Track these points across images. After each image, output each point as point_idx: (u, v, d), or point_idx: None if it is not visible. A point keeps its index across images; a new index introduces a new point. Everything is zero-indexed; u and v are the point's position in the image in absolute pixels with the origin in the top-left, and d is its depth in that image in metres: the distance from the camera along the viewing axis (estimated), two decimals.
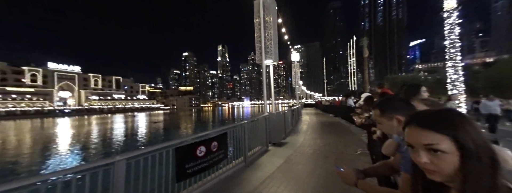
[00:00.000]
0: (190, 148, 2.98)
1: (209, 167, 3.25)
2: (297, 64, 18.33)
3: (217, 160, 3.46)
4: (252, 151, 4.90)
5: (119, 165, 2.02)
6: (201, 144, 3.15)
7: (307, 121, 12.37)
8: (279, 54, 6.62)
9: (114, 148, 16.92)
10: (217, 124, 33.75)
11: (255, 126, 5.16)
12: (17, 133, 28.32)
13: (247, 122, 4.51)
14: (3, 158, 14.05)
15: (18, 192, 1.44)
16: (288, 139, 6.88)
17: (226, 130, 3.81)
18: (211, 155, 3.32)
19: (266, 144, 5.61)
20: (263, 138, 5.51)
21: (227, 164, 3.97)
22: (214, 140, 3.43)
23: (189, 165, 2.91)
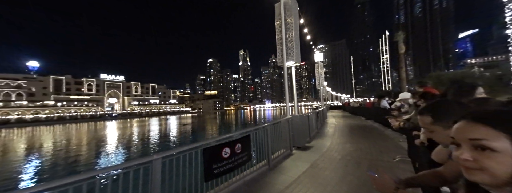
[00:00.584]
0: (216, 150, 3.10)
1: (234, 168, 3.32)
2: (321, 64, 17.57)
3: (241, 162, 3.51)
4: (275, 154, 4.82)
5: (156, 163, 2.26)
6: (226, 146, 3.25)
7: (333, 124, 11.64)
8: (301, 55, 6.46)
9: (152, 147, 18.80)
10: (240, 127, 34.45)
11: (278, 129, 5.07)
12: (78, 134, 33.72)
13: (269, 124, 4.48)
14: (69, 154, 16.86)
15: (80, 184, 1.73)
16: (313, 143, 6.57)
17: (249, 133, 3.85)
18: (235, 156, 3.40)
19: (290, 147, 5.46)
20: (286, 142, 5.38)
21: (251, 167, 3.99)
22: (238, 142, 3.50)
23: (216, 165, 3.04)
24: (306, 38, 10.95)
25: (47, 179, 11.12)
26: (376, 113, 10.88)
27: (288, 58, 6.12)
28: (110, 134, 30.48)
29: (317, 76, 17.62)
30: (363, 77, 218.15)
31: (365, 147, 5.90)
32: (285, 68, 6.17)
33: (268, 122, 4.56)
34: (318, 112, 9.89)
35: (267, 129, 4.37)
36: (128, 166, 2.16)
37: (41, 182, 10.54)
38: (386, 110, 8.28)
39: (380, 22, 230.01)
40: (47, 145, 22.18)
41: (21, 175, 11.79)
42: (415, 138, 2.11)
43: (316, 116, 9.25)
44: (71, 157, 15.55)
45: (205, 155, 2.92)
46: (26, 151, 19.11)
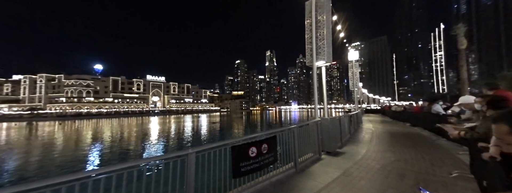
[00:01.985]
0: (243, 148, 3.19)
1: (260, 168, 3.35)
2: (356, 63, 16.10)
3: (268, 163, 3.51)
4: (302, 158, 4.64)
5: (191, 157, 2.52)
6: (253, 145, 3.31)
7: (370, 130, 10.51)
8: (332, 54, 6.05)
9: (185, 141, 20.79)
10: (265, 127, 34.50)
11: (306, 132, 4.87)
12: (129, 127, 39.49)
13: (296, 126, 4.34)
14: (122, 144, 19.91)
15: (129, 170, 2.08)
16: (345, 149, 6.06)
17: (275, 134, 3.82)
18: (262, 156, 3.42)
19: (319, 152, 5.17)
20: (314, 145, 5.12)
21: (277, 168, 3.94)
22: (264, 142, 3.52)
23: (243, 163, 3.12)
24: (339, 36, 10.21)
25: (108, 162, 13.40)
26: (426, 119, 9.37)
27: (318, 57, 5.80)
28: (153, 128, 34.71)
29: (350, 76, 16.23)
30: (408, 78, 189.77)
31: (411, 157, 5.12)
32: (314, 68, 5.88)
33: (294, 124, 4.44)
34: (351, 116, 9.09)
35: (294, 131, 4.25)
36: (168, 157, 2.45)
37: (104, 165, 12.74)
38: (440, 116, 7.17)
39: (433, 14, 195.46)
40: (107, 135, 26.76)
41: (89, 157, 14.51)
42: (482, 151, 1.72)
43: (349, 120, 8.52)
44: (123, 146, 18.53)
45: (233, 152, 3.04)
46: (92, 139, 23.45)
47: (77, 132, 31.83)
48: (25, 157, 15.05)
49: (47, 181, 1.61)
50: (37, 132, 33.58)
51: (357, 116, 11.83)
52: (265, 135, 3.65)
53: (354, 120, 9.93)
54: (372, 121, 15.97)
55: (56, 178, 1.65)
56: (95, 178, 1.92)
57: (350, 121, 8.61)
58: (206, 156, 2.77)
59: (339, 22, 9.29)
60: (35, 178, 10.21)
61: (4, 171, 11.66)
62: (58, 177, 1.66)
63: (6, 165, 13.04)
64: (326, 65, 6.44)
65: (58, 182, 1.67)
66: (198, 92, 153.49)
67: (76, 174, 1.76)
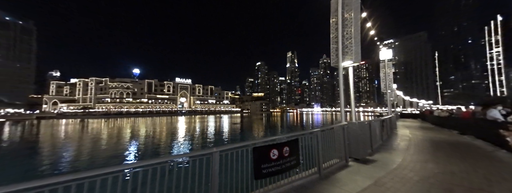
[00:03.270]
0: (265, 150, 3.19)
1: (282, 171, 3.30)
2: (389, 63, 14.65)
3: (289, 166, 3.43)
4: (327, 163, 4.39)
5: (215, 155, 2.65)
6: (274, 148, 3.28)
7: (407, 137, 9.40)
8: (361, 54, 5.63)
9: (210, 140, 21.83)
10: (286, 130, 33.76)
11: (330, 136, 4.61)
12: (161, 125, 43.19)
13: (319, 130, 4.16)
14: (154, 140, 21.88)
15: (162, 165, 2.33)
16: (376, 157, 5.53)
17: (297, 137, 3.72)
18: (283, 159, 3.36)
19: (345, 158, 4.83)
20: (340, 151, 4.80)
21: (300, 172, 3.82)
22: (286, 145, 3.45)
23: (264, 165, 3.12)
24: (369, 34, 9.44)
25: (143, 156, 14.87)
26: (480, 126, 7.99)
27: (345, 57, 5.45)
28: (181, 127, 37.32)
29: (382, 77, 14.82)
30: (455, 78, 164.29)
31: (460, 170, 4.39)
32: (340, 69, 5.54)
33: (317, 128, 4.25)
34: (383, 120, 8.28)
35: (317, 135, 4.08)
36: (195, 155, 2.65)
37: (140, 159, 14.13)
38: (498, 124, 6.10)
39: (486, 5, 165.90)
40: (142, 132, 29.73)
41: (129, 151, 16.32)
42: None
43: (381, 124, 7.78)
44: (156, 142, 20.42)
45: (255, 153, 3.06)
46: (130, 135, 26.35)
47: (119, 129, 36.13)
48: (80, 149, 17.71)
49: (96, 171, 1.88)
50: (88, 128, 39.26)
51: (391, 121, 10.71)
52: (286, 138, 3.60)
53: (386, 125, 9.02)
54: (409, 127, 14.26)
55: (103, 169, 1.92)
56: (135, 171, 2.21)
57: (382, 126, 7.85)
58: (229, 156, 2.86)
59: (369, 19, 8.60)
60: (89, 167, 11.93)
61: (67, 158, 13.92)
62: (104, 168, 1.92)
63: (68, 154, 15.53)
64: (354, 65, 6.02)
65: (105, 172, 1.94)
66: (220, 93, 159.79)
67: (119, 166, 2.04)
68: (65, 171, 11.28)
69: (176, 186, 2.35)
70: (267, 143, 3.27)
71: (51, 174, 10.90)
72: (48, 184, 1.67)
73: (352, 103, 5.89)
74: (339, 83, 5.63)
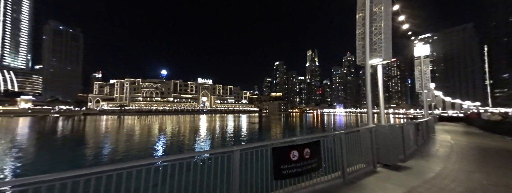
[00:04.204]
0: (284, 150, 3.16)
1: (302, 173, 3.23)
2: (425, 60, 13.10)
3: (310, 168, 3.33)
4: (351, 168, 4.14)
5: (236, 154, 2.73)
6: (294, 149, 3.23)
7: (447, 142, 8.31)
8: (392, 50, 5.14)
9: (230, 138, 22.51)
10: (305, 131, 32.69)
11: (355, 139, 4.33)
12: (184, 123, 46.02)
13: (343, 132, 3.98)
14: (179, 137, 23.39)
15: (187, 160, 2.48)
16: (410, 164, 5.01)
17: (319, 138, 3.59)
18: (304, 161, 3.28)
19: (373, 163, 4.49)
20: (367, 156, 4.48)
21: (322, 176, 3.67)
22: (307, 147, 3.36)
23: (284, 166, 3.09)
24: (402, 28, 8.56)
25: (171, 151, 16.06)
26: None
27: (373, 54, 5.04)
28: (203, 125, 39.17)
29: (417, 75, 13.33)
30: (509, 77, 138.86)
31: None
32: (367, 67, 5.15)
33: (340, 130, 4.04)
34: (418, 124, 7.46)
35: (341, 137, 3.89)
36: (216, 152, 2.76)
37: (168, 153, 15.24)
38: None
39: None
40: (168, 129, 32.09)
41: (157, 146, 17.81)
42: None
43: (415, 128, 7.02)
44: (180, 138, 21.88)
45: (274, 154, 3.05)
46: (160, 132, 28.66)
47: (150, 125, 39.55)
48: (118, 141, 19.93)
49: (127, 164, 2.11)
50: (124, 124, 43.89)
51: (427, 124, 9.59)
52: (307, 139, 3.51)
53: (422, 129, 8.11)
54: (451, 131, 12.56)
55: (138, 161, 2.14)
56: (161, 165, 2.40)
57: (416, 130, 7.08)
58: (249, 155, 2.91)
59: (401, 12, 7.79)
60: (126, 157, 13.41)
61: (109, 149, 15.87)
62: (134, 161, 2.15)
63: (110, 146, 17.66)
64: (383, 63, 5.54)
65: (140, 164, 2.16)
66: (239, 93, 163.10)
67: (151, 159, 2.28)
68: (107, 160, 12.85)
69: (200, 180, 2.51)
70: (287, 143, 3.24)
71: (97, 162, 12.60)
72: (94, 172, 1.93)
73: (381, 104, 5.43)
74: (366, 83, 5.24)
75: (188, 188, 2.52)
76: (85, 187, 1.88)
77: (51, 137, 23.28)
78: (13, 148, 16.09)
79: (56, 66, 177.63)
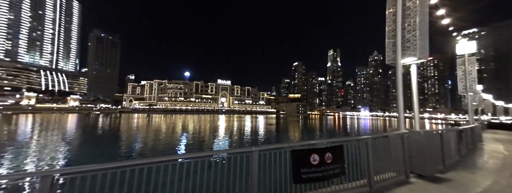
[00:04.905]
0: (304, 154, 3.07)
1: (323, 178, 3.10)
2: (471, 58, 11.46)
3: (332, 174, 3.18)
4: (379, 176, 3.82)
5: (254, 154, 2.76)
6: (315, 152, 3.11)
7: (499, 153, 7.12)
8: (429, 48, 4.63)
9: (248, 138, 22.81)
10: (326, 135, 31.15)
11: (384, 145, 3.99)
12: (205, 122, 48.08)
13: (370, 137, 3.71)
14: (200, 135, 24.56)
15: (207, 159, 2.61)
16: (451, 175, 4.42)
17: (342, 143, 3.40)
18: (325, 166, 3.15)
19: (405, 172, 4.08)
20: (398, 164, 4.09)
21: (345, 183, 3.47)
22: (328, 151, 3.22)
23: (304, 170, 3.00)
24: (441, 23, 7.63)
25: (193, 147, 16.98)
26: None
27: (406, 53, 4.59)
28: (222, 125, 40.47)
29: (460, 76, 11.72)
30: None
31: None
32: (398, 67, 4.71)
33: (366, 135, 3.76)
34: (461, 131, 6.55)
35: (367, 142, 3.63)
36: (235, 152, 2.83)
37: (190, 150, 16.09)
38: None
39: None
40: (191, 127, 33.92)
41: (181, 142, 19.06)
42: None
43: (458, 136, 6.18)
44: (200, 137, 22.92)
45: (293, 156, 2.99)
46: (183, 129, 30.55)
47: (175, 123, 42.36)
48: (146, 137, 21.79)
49: (156, 159, 2.30)
50: (152, 121, 47.81)
51: (473, 131, 8.37)
52: (328, 143, 3.38)
53: (466, 137, 7.09)
54: (503, 141, 10.75)
55: (160, 157, 2.34)
56: (185, 161, 2.55)
57: (459, 138, 6.22)
58: (268, 156, 2.90)
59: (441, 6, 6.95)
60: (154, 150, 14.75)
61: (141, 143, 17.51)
62: (161, 157, 2.34)
63: (141, 140, 19.48)
64: (417, 63, 5.01)
65: (162, 160, 2.34)
66: (256, 94, 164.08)
67: (172, 156, 2.45)
68: (139, 153, 14.30)
69: (220, 178, 2.59)
70: (306, 147, 3.16)
71: (132, 155, 14.06)
72: (129, 165, 2.16)
73: (414, 108, 4.91)
74: (397, 84, 4.80)
75: (210, 184, 2.63)
76: (121, 177, 2.10)
77: (94, 132, 26.64)
78: (65, 141, 18.79)
79: (98, 69, 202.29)
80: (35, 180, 1.82)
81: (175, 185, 2.33)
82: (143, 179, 2.18)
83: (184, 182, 2.45)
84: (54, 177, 1.85)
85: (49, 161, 11.78)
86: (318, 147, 3.20)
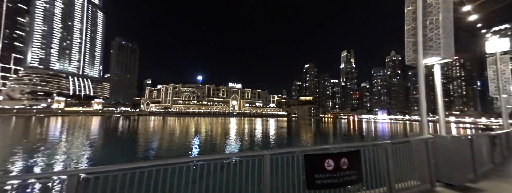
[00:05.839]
0: (318, 159, 2.97)
1: (339, 185, 2.97)
2: (504, 57, 10.45)
3: (349, 181, 3.04)
4: (401, 185, 3.57)
5: (266, 158, 2.73)
6: (329, 157, 3.01)
7: None
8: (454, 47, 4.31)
9: (259, 142, 22.76)
10: (339, 139, 29.83)
11: (405, 151, 3.74)
12: (216, 125, 48.91)
13: (389, 142, 3.50)
14: (212, 138, 24.99)
15: (220, 161, 2.63)
16: (484, 185, 4.01)
17: (358, 148, 3.25)
18: (341, 172, 3.02)
19: (430, 181, 3.77)
20: (422, 171, 3.80)
21: (363, 190, 3.29)
22: (344, 156, 3.09)
23: (318, 176, 2.90)
24: (467, 20, 7.09)
25: (206, 149, 17.33)
26: None
27: (428, 53, 4.31)
28: (234, 128, 40.84)
29: (491, 76, 10.71)
30: None
31: None
32: (420, 68, 4.43)
33: (385, 139, 3.56)
34: (494, 136, 5.94)
35: (387, 148, 3.43)
36: (247, 155, 2.83)
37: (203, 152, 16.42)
38: None
39: None
40: (203, 130, 34.72)
41: (195, 144, 19.56)
42: None
43: (491, 141, 5.61)
44: (212, 140, 23.33)
45: (307, 161, 2.91)
46: (197, 132, 31.36)
47: (188, 126, 43.66)
48: (162, 139, 22.70)
49: (167, 161, 2.38)
50: (167, 123, 49.76)
51: (509, 137, 7.54)
52: (343, 148, 3.26)
53: (501, 144, 6.41)
54: None
55: (175, 159, 2.42)
56: (196, 164, 2.61)
57: (492, 144, 5.64)
58: (280, 160, 2.86)
59: (466, 1, 6.46)
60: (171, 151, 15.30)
61: (157, 145, 18.26)
62: (173, 159, 2.42)
63: (158, 141, 20.37)
64: (441, 63, 4.68)
65: (177, 162, 2.42)
66: (266, 97, 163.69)
67: (186, 158, 2.48)
68: (157, 154, 14.96)
69: (232, 181, 2.61)
70: (319, 151, 3.07)
71: (151, 155, 14.74)
72: (147, 166, 2.25)
73: (439, 111, 4.56)
74: (419, 86, 4.50)
75: (222, 186, 2.65)
76: (140, 177, 2.21)
77: (116, 134, 28.42)
78: (91, 141, 20.27)
79: (119, 74, 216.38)
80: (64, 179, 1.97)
81: (189, 187, 2.38)
82: (159, 180, 2.27)
83: (198, 183, 2.50)
84: (80, 176, 1.99)
85: (77, 159, 12.83)
86: (332, 152, 3.09)
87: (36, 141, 18.83)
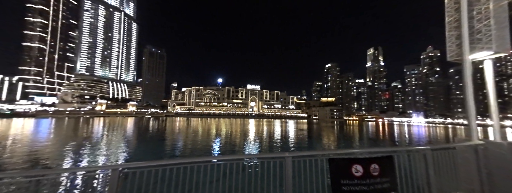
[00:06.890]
0: (344, 163, 2.82)
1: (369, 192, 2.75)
2: None
3: (381, 189, 2.80)
4: None
5: (288, 160, 2.70)
6: (357, 163, 2.83)
7: None
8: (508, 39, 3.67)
9: (279, 143, 22.55)
10: (366, 143, 27.33)
11: (448, 158, 3.31)
12: (235, 126, 49.99)
13: (429, 148, 3.16)
14: (232, 139, 25.60)
15: (241, 162, 2.66)
16: None
17: (391, 153, 2.98)
18: (371, 179, 2.80)
19: None
20: (470, 182, 3.32)
21: None
22: (375, 162, 2.87)
23: (345, 182, 2.74)
24: None
25: (227, 149, 17.92)
26: None
27: (476, 47, 3.75)
28: (253, 129, 41.19)
29: None
30: None
31: None
32: (466, 64, 3.87)
33: (421, 145, 3.20)
34: None
35: (425, 154, 3.10)
36: (268, 157, 2.88)
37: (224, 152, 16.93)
38: None
39: None
40: (224, 130, 35.89)
41: (215, 143, 20.47)
42: None
43: None
44: (231, 141, 23.82)
45: (332, 166, 2.77)
46: (218, 132, 32.66)
47: (210, 126, 45.63)
48: (187, 138, 24.23)
49: (192, 159, 2.52)
50: (191, 124, 52.89)
51: None
52: (372, 153, 3.05)
53: None
54: None
55: (196, 157, 2.55)
56: (219, 163, 2.72)
57: None
58: (302, 163, 2.79)
59: None
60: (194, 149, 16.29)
61: (184, 143, 19.68)
62: (197, 157, 2.54)
63: (184, 140, 21.96)
64: (493, 58, 4.03)
65: (198, 161, 2.55)
66: (285, 98, 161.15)
67: (208, 157, 2.60)
68: (183, 152, 16.14)
69: (254, 182, 2.64)
70: (343, 155, 2.92)
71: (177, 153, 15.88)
72: (173, 163, 2.46)
73: (492, 114, 3.92)
74: (465, 85, 3.94)
75: (244, 187, 2.69)
76: (170, 174, 2.41)
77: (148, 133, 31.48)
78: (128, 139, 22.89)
79: (150, 79, 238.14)
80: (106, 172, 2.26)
81: (213, 185, 2.48)
82: (187, 177, 2.43)
83: (221, 183, 2.60)
84: (120, 170, 2.23)
85: (118, 154, 14.63)
86: (360, 157, 2.91)
87: (88, 139, 22.18)
